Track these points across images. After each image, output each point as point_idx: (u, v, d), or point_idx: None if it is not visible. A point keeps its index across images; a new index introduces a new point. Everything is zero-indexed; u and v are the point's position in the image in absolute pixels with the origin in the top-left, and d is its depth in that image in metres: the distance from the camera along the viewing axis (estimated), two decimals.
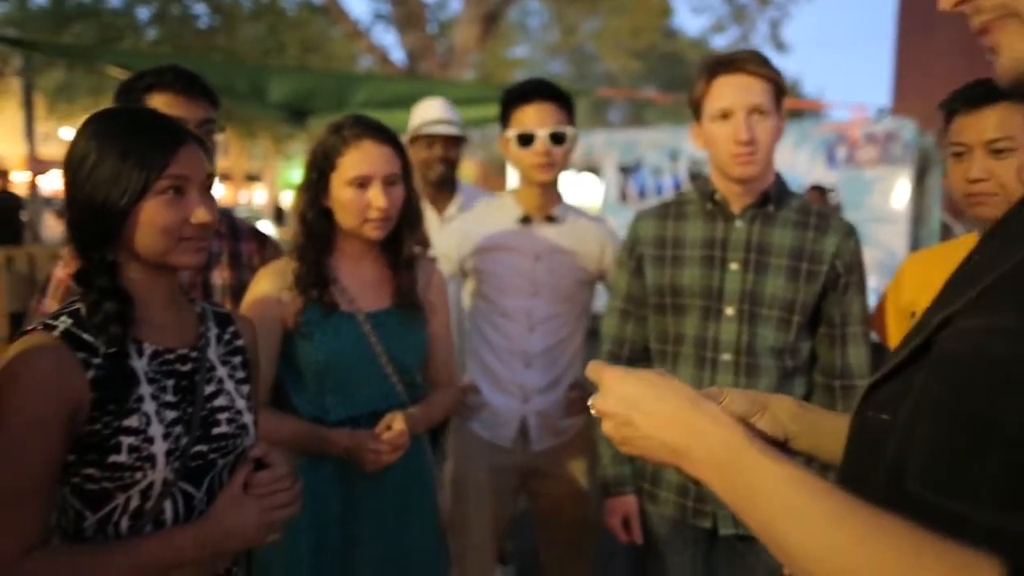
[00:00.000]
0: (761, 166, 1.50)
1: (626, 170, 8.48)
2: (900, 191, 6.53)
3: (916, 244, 6.46)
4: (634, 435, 0.72)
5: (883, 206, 6.59)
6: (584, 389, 1.98)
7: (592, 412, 0.75)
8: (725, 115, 1.48)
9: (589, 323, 2.07)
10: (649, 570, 1.72)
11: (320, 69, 10.44)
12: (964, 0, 0.61)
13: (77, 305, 1.01)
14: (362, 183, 1.49)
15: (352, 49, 13.31)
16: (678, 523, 1.63)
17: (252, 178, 27.68)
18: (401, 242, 1.58)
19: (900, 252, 6.16)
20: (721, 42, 19.64)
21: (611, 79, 22.47)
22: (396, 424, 1.49)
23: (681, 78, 24.26)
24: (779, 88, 1.50)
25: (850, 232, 1.55)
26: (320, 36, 13.67)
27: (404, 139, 2.38)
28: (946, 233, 6.79)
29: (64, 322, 0.99)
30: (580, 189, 9.05)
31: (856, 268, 1.55)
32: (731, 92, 1.47)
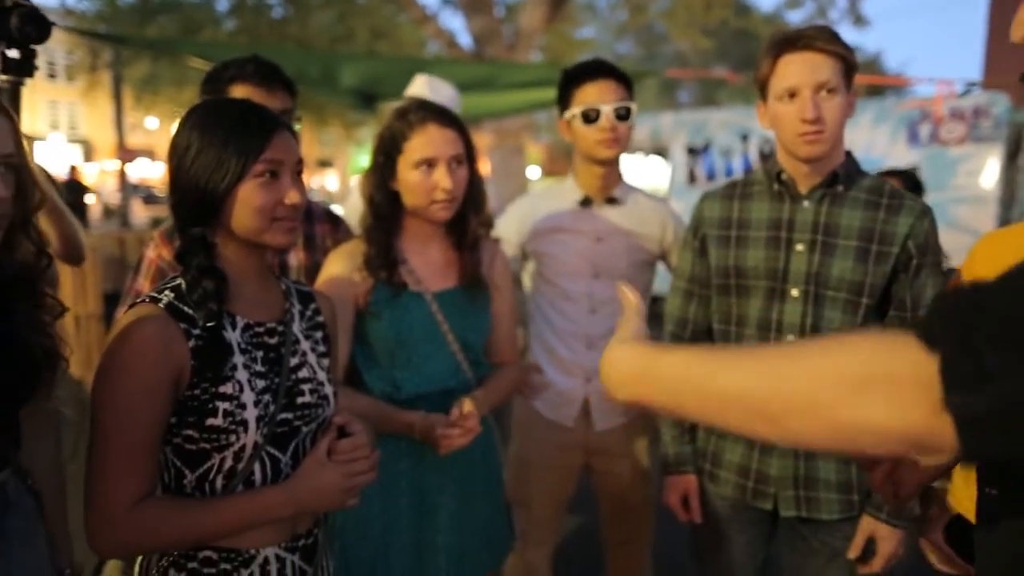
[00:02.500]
0: (828, 145, 1.47)
1: (694, 152, 8.31)
2: (989, 170, 6.19)
3: (1006, 226, 6.12)
4: (606, 382, 0.84)
5: (970, 186, 6.27)
6: None
7: None
8: (791, 94, 1.46)
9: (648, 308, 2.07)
10: (707, 551, 1.73)
11: (389, 55, 10.61)
12: None
13: (178, 281, 1.10)
14: (428, 165, 1.54)
15: (420, 35, 13.45)
16: (738, 504, 1.63)
17: (324, 164, 28.41)
18: (466, 223, 1.63)
19: None
20: (796, 18, 18.92)
21: (681, 59, 21.97)
22: (466, 406, 1.53)
23: (754, 56, 23.37)
24: (848, 64, 1.46)
25: (924, 212, 1.51)
26: (388, 22, 13.86)
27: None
28: None
29: (167, 296, 1.08)
30: (647, 172, 8.94)
31: (930, 250, 1.50)
32: (797, 70, 1.44)
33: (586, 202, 1.97)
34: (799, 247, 1.54)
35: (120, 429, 1.02)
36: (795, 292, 1.54)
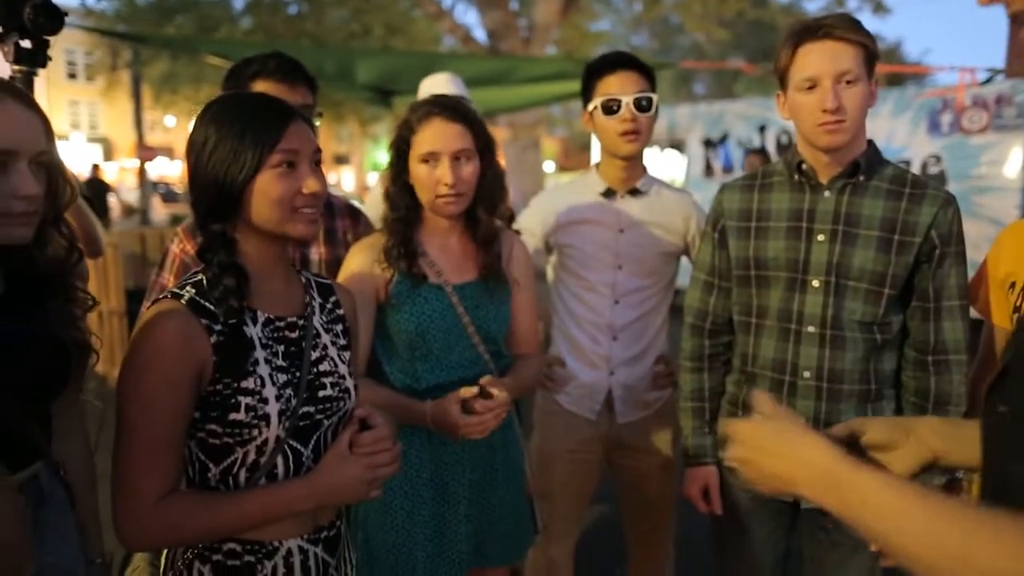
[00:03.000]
0: (849, 135, 1.46)
1: (711, 144, 8.26)
2: (1013, 159, 6.09)
3: None
4: (758, 475, 0.84)
5: (992, 175, 6.17)
6: (669, 363, 1.99)
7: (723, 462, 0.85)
8: (812, 84, 1.44)
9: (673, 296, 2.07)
10: (728, 542, 1.73)
11: (404, 50, 10.63)
12: None
13: (200, 277, 1.11)
14: (432, 159, 1.54)
15: (435, 30, 13.46)
16: (758, 495, 1.62)
17: (340, 160, 28.53)
18: (479, 217, 1.63)
19: None
20: (814, 7, 18.68)
21: (697, 50, 21.78)
22: (500, 394, 1.50)
23: (771, 47, 23.16)
24: (870, 53, 1.44)
25: (948, 201, 1.49)
26: (403, 18, 13.90)
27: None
28: None
29: (189, 291, 1.09)
30: (664, 165, 8.89)
31: (954, 239, 1.49)
32: (817, 60, 1.43)
33: (609, 194, 1.97)
34: (820, 237, 1.53)
35: (144, 424, 1.03)
36: (816, 283, 1.53)
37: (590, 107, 1.91)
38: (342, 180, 32.28)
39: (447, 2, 13.07)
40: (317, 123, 1.74)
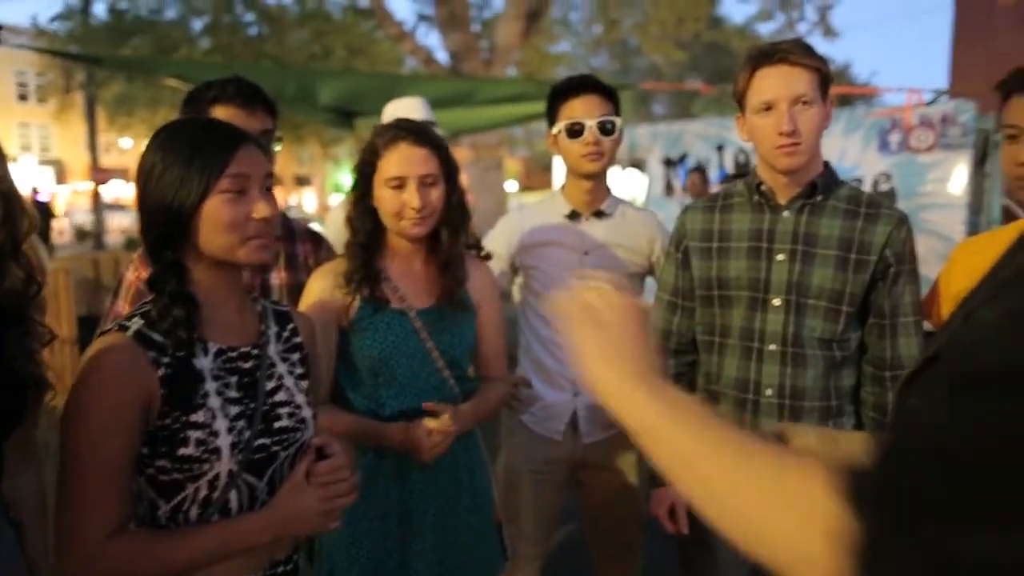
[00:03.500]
0: (806, 157, 1.49)
1: (670, 163, 8.39)
2: (958, 176, 6.31)
3: (975, 231, 6.25)
4: (581, 337, 0.75)
5: (939, 192, 6.38)
6: None
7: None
8: (768, 107, 1.48)
9: None
10: (694, 562, 1.73)
11: (366, 72, 10.62)
12: None
13: (149, 307, 1.08)
14: (398, 183, 1.54)
15: (397, 52, 13.49)
16: None
17: (301, 181, 28.29)
18: (442, 241, 1.63)
19: (958, 240, 5.97)
20: (767, 30, 19.23)
21: (655, 72, 22.22)
22: (445, 416, 1.53)
23: (727, 68, 23.78)
24: (824, 77, 1.49)
25: (902, 221, 1.53)
26: (365, 40, 13.90)
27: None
28: (1008, 219, 6.54)
29: (136, 323, 1.06)
30: (625, 185, 9.00)
31: (908, 257, 1.53)
32: (773, 83, 1.47)
33: (574, 216, 1.98)
34: (780, 257, 1.56)
35: (88, 462, 1.00)
36: (776, 301, 1.55)
37: (555, 130, 1.93)
38: (303, 202, 32.00)
39: (409, 24, 13.09)
40: (277, 148, 1.72)
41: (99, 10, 12.72)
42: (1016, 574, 0.39)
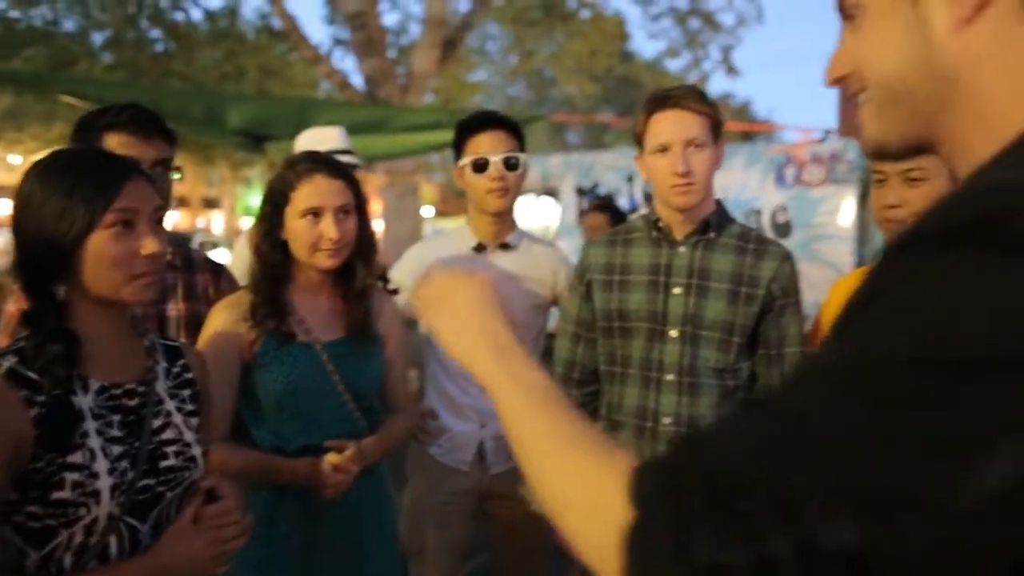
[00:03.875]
0: (699, 196, 1.58)
1: (583, 192, 8.62)
2: (846, 210, 6.76)
3: (862, 261, 6.70)
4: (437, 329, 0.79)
5: (830, 225, 6.82)
6: None
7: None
8: (663, 148, 1.57)
9: (544, 345, 2.12)
10: None
11: (278, 96, 10.42)
12: (843, 77, 0.68)
13: (22, 344, 1.03)
14: (315, 214, 1.53)
15: (312, 74, 13.31)
16: None
17: (210, 204, 27.33)
18: (354, 273, 1.62)
19: (846, 270, 6.38)
20: (676, 66, 20.14)
21: (569, 103, 22.83)
22: (348, 451, 1.52)
23: (637, 101, 24.69)
24: (715, 121, 1.59)
25: (787, 257, 1.64)
26: (279, 61, 13.65)
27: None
28: None
29: (9, 360, 1.00)
30: (538, 213, 9.17)
31: (792, 291, 1.63)
32: (668, 127, 1.56)
33: (480, 248, 2.01)
34: (676, 290, 1.63)
35: None
36: (674, 333, 1.63)
37: (461, 163, 1.96)
38: (212, 224, 30.93)
39: (325, 47, 12.95)
40: (176, 176, 1.67)
41: None
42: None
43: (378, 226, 11.11)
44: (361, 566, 1.62)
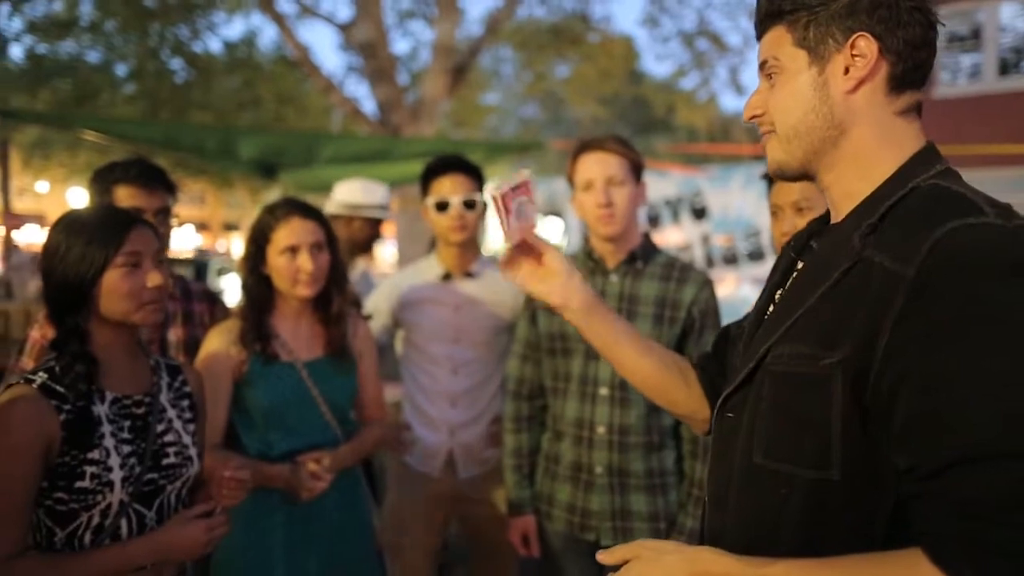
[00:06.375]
0: (620, 226, 1.81)
1: None
2: None
3: None
4: None
5: None
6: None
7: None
8: (588, 185, 1.80)
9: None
10: None
11: (286, 130, 10.74)
12: (755, 116, 0.97)
13: (52, 363, 1.29)
14: (292, 251, 1.78)
15: (325, 101, 13.66)
16: (568, 538, 1.89)
17: (230, 227, 27.86)
18: (330, 299, 1.87)
19: None
20: (689, 83, 20.32)
21: (580, 124, 23.08)
22: (325, 460, 1.76)
23: (648, 121, 24.95)
24: (634, 163, 1.82)
25: (706, 283, 1.86)
26: (294, 89, 14.05)
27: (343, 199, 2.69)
28: None
29: (41, 376, 1.26)
30: (545, 231, 9.40)
31: (711, 313, 1.85)
32: (591, 166, 1.81)
33: (447, 276, 2.25)
34: None
35: None
36: None
37: (426, 202, 2.20)
38: (232, 247, 31.46)
39: (338, 75, 13.31)
40: (173, 223, 1.94)
41: (16, 52, 12.39)
42: None
43: (392, 247, 11.31)
44: (338, 559, 1.84)
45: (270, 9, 9.15)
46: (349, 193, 3.01)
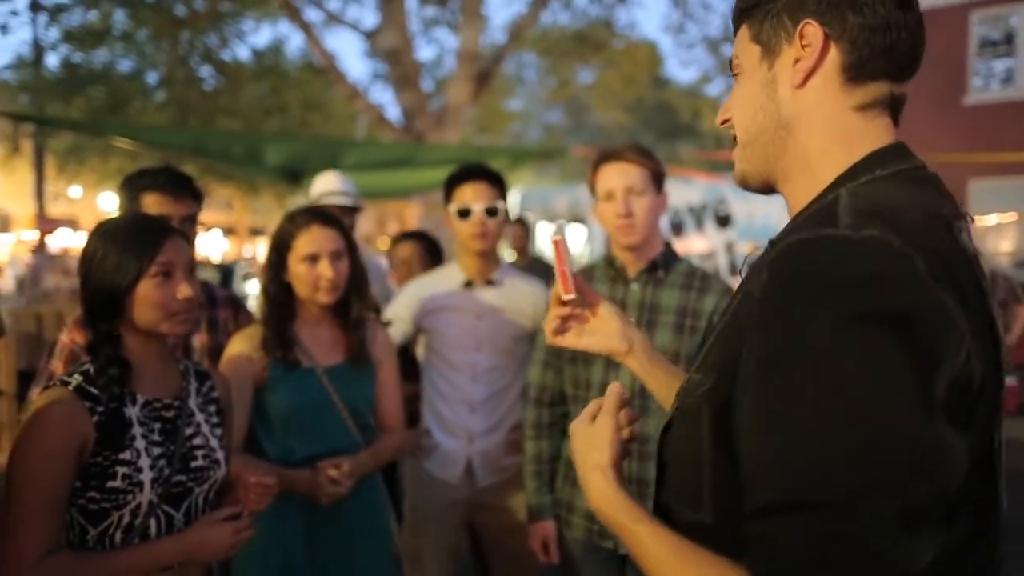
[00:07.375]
0: (641, 235, 1.81)
1: None
2: None
3: None
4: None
5: None
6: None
7: None
8: (608, 195, 1.80)
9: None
10: None
11: (312, 137, 10.88)
12: (725, 121, 0.90)
13: (87, 367, 1.32)
14: (313, 259, 1.80)
15: (351, 107, 13.81)
16: (588, 545, 1.88)
17: (256, 232, 28.21)
18: (350, 306, 1.88)
19: None
20: (712, 90, 20.23)
21: (604, 130, 23.06)
22: (344, 466, 1.76)
23: (673, 127, 24.83)
24: (655, 173, 1.82)
25: (727, 292, 1.84)
26: (320, 95, 14.23)
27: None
28: None
29: (76, 379, 1.29)
30: (569, 239, 9.42)
31: None
32: (611, 176, 1.81)
33: (468, 284, 2.26)
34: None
35: (29, 493, 1.22)
36: None
37: (449, 209, 2.22)
38: (258, 252, 31.84)
39: (363, 82, 13.45)
40: (199, 230, 1.97)
41: (52, 61, 12.70)
42: None
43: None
44: (356, 560, 1.85)
45: (297, 17, 9.28)
46: (326, 183, 3.30)
